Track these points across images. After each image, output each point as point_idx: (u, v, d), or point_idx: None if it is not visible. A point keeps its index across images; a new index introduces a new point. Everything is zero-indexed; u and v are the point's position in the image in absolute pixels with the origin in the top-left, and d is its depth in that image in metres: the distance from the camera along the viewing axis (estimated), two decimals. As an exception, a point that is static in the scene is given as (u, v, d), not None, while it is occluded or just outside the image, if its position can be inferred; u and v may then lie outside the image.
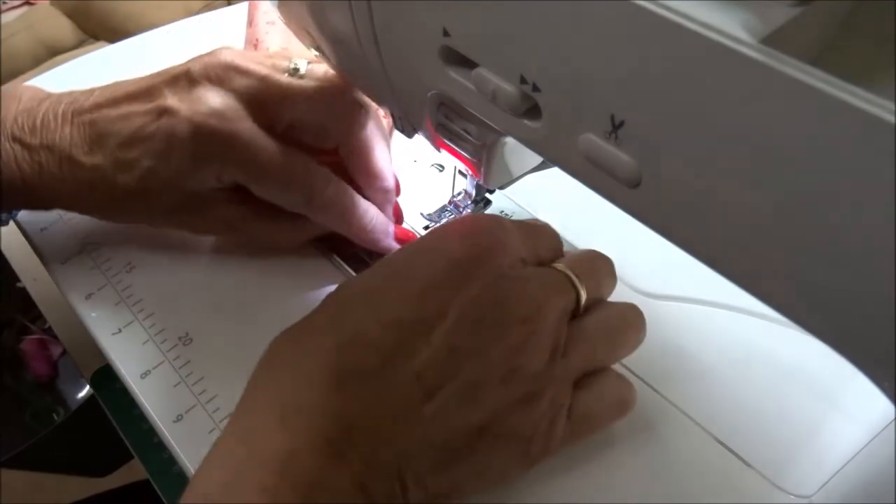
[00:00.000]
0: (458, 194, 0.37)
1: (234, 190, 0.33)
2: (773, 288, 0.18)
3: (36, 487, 0.66)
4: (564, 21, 0.17)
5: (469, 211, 0.37)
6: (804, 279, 0.16)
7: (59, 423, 0.67)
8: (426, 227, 0.38)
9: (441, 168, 0.42)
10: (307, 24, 0.29)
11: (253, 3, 0.45)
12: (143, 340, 0.33)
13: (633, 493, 0.28)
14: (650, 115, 0.17)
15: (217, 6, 1.08)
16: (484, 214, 0.29)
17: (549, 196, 0.39)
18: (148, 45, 0.52)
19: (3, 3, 1.14)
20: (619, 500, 0.28)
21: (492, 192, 0.38)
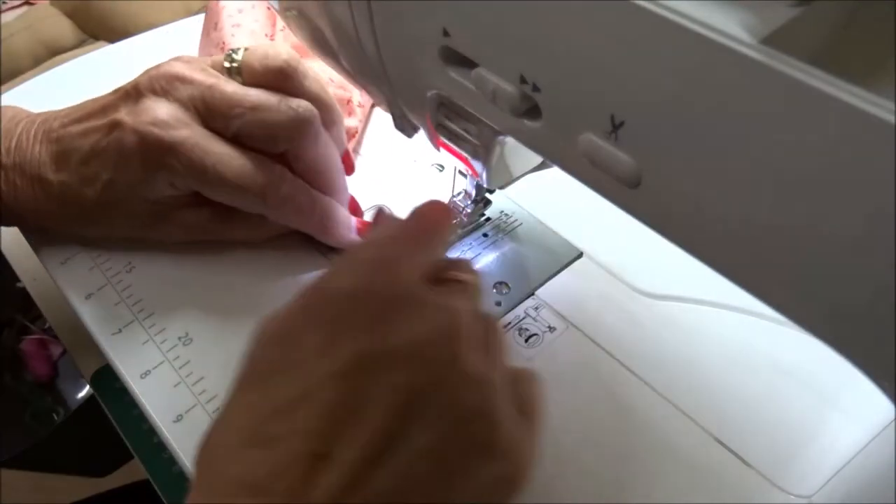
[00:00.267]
0: (458, 194, 0.37)
1: (194, 194, 0.34)
2: (773, 288, 0.18)
3: (36, 487, 0.66)
4: (564, 21, 0.17)
5: (469, 211, 0.37)
6: (804, 279, 0.16)
7: (59, 423, 0.67)
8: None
9: (441, 168, 0.42)
10: (307, 22, 0.29)
11: (217, 4, 0.45)
12: (143, 340, 0.33)
13: (633, 492, 0.28)
14: (650, 115, 0.17)
15: (217, 6, 1.07)
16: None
17: (549, 196, 0.39)
18: (148, 45, 0.52)
19: (4, 3, 1.14)
20: (619, 500, 0.28)
21: (492, 192, 0.38)
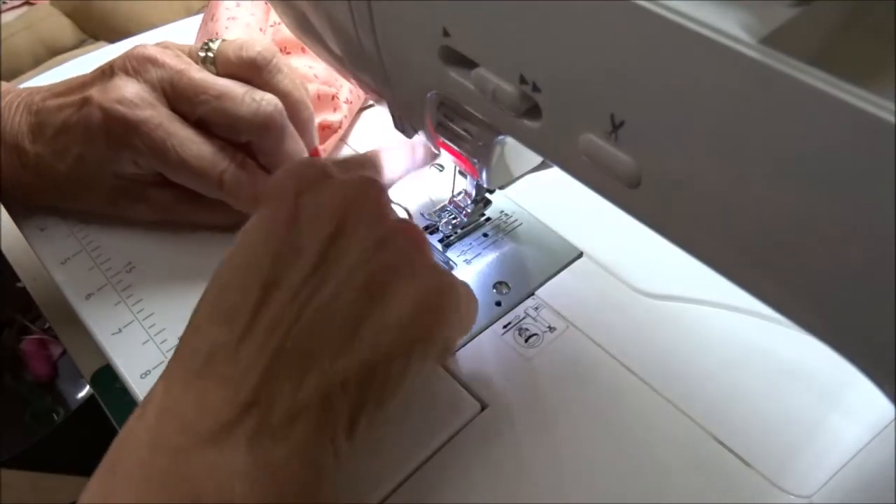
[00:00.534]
0: (458, 194, 0.37)
1: (163, 175, 0.35)
2: (773, 288, 0.17)
3: (36, 487, 0.66)
4: (564, 21, 0.17)
5: (469, 211, 0.37)
6: (804, 279, 0.16)
7: (59, 423, 0.67)
8: (427, 227, 0.38)
9: (441, 168, 0.42)
10: (307, 21, 0.29)
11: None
12: (143, 340, 0.33)
13: (633, 492, 0.28)
14: (650, 115, 0.17)
15: (217, 6, 1.07)
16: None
17: (549, 196, 0.39)
18: (148, 45, 0.52)
19: (4, 3, 1.14)
20: (619, 500, 0.28)
21: (492, 192, 0.38)
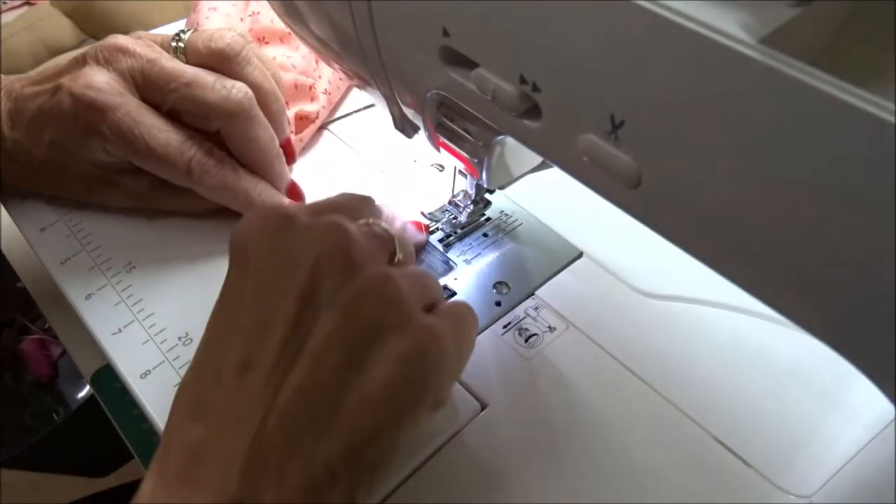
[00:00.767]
0: (458, 194, 0.37)
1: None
2: (773, 288, 0.18)
3: (36, 487, 0.66)
4: (564, 21, 0.17)
5: (469, 211, 0.37)
6: (804, 279, 0.16)
7: (59, 423, 0.67)
8: (427, 227, 0.38)
9: (441, 168, 0.42)
10: (306, 22, 0.29)
11: None
12: (143, 340, 0.33)
13: (633, 492, 0.28)
14: (650, 116, 0.17)
15: (217, 6, 1.07)
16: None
17: (549, 196, 0.39)
18: (148, 45, 0.52)
19: (4, 3, 1.14)
20: (619, 500, 0.28)
21: (492, 192, 0.38)
